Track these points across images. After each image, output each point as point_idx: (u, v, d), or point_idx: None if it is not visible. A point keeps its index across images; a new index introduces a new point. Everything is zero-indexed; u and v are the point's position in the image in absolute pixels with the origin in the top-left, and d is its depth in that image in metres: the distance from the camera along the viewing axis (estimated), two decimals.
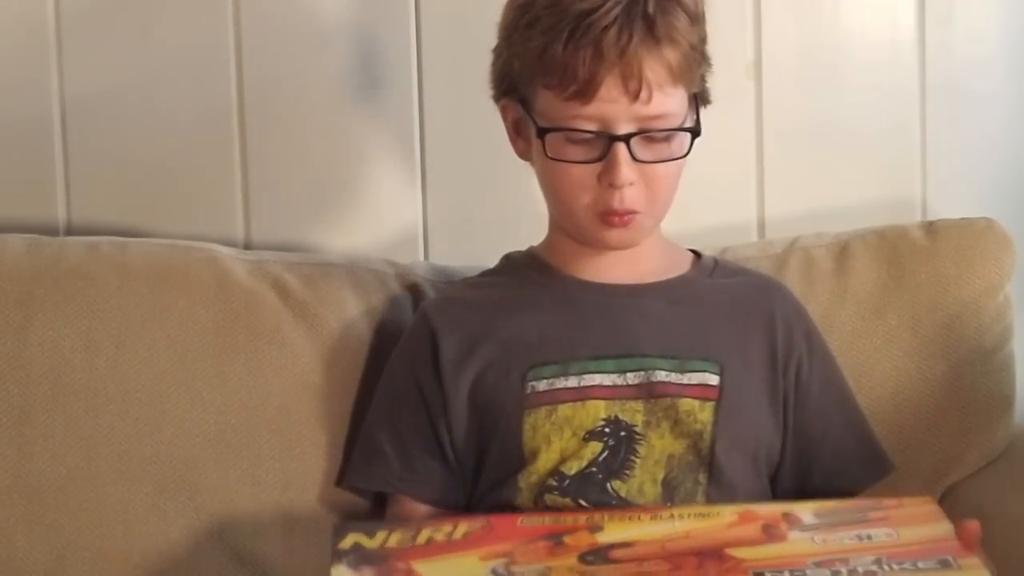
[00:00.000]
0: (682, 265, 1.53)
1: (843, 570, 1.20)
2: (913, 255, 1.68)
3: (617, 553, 1.25)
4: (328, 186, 1.80)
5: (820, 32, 1.84)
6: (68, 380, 1.56)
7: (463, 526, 1.30)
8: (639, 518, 1.30)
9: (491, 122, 1.51)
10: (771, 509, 1.30)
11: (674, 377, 1.45)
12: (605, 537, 1.27)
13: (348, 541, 1.28)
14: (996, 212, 1.72)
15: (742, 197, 1.84)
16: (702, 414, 1.44)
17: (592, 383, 1.44)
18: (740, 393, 1.46)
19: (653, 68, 1.39)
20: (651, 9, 1.40)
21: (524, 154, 1.49)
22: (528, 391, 1.44)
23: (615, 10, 1.39)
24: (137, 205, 1.78)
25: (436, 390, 1.47)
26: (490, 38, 1.50)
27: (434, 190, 1.81)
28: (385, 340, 1.59)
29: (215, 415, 1.57)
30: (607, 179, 1.41)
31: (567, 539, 1.27)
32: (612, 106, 1.39)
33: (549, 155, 1.42)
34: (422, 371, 1.48)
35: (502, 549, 1.26)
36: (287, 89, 1.78)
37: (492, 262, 1.58)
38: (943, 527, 1.25)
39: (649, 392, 1.44)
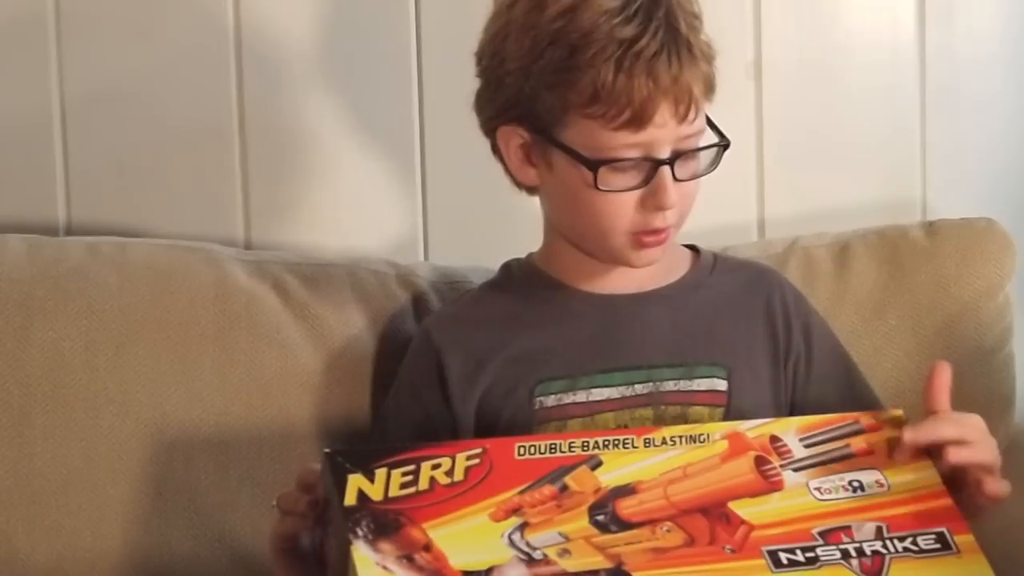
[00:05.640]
0: (682, 266, 1.52)
1: (851, 548, 1.25)
2: (913, 255, 1.68)
3: (626, 510, 1.26)
4: (328, 186, 1.79)
5: (820, 32, 1.84)
6: (68, 381, 1.56)
7: (461, 459, 1.28)
8: (633, 445, 1.31)
9: None
10: (759, 431, 1.33)
11: (682, 385, 1.44)
12: (606, 476, 1.28)
13: (352, 491, 1.25)
14: (996, 212, 1.72)
15: (742, 197, 1.84)
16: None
17: (601, 397, 1.44)
18: (747, 397, 1.45)
19: (698, 87, 1.38)
20: (684, 28, 1.38)
21: (534, 180, 1.46)
22: (536, 407, 1.44)
23: (659, 34, 1.36)
24: (137, 205, 1.78)
25: (444, 412, 1.46)
26: None
27: (434, 190, 1.81)
28: (385, 341, 1.60)
29: (215, 415, 1.57)
30: (654, 203, 1.38)
31: (570, 482, 1.28)
32: (661, 131, 1.37)
33: (600, 187, 1.38)
34: (428, 393, 1.47)
35: (509, 503, 1.26)
36: (287, 89, 1.78)
37: (492, 263, 1.57)
38: (927, 472, 1.31)
39: (659, 401, 1.43)
